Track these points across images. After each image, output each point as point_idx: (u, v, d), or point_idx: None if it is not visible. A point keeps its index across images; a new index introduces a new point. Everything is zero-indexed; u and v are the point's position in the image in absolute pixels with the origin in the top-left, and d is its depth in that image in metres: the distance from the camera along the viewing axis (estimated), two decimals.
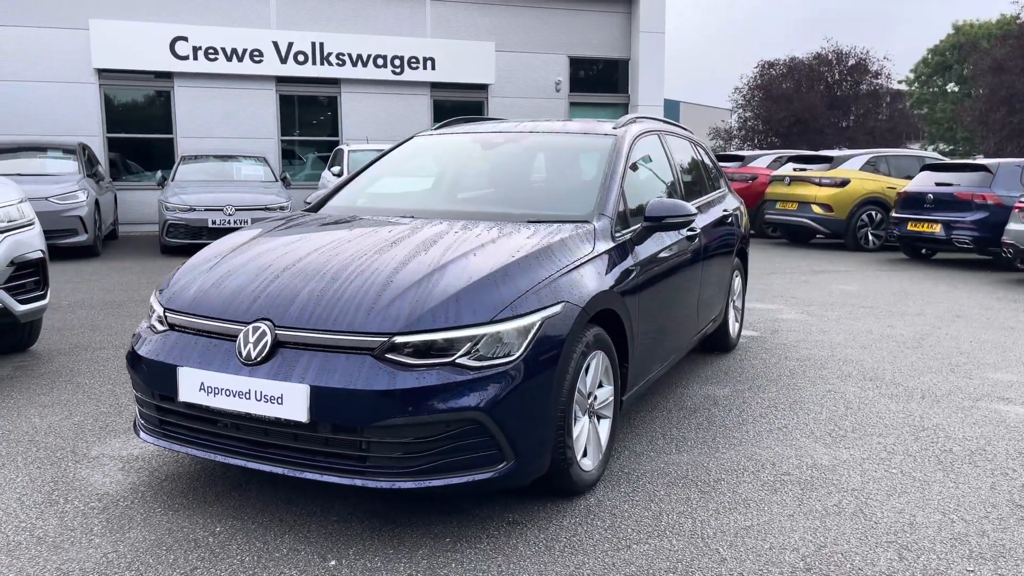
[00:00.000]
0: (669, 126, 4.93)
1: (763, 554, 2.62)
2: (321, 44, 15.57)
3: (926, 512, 2.95)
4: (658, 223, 3.63)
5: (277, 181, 12.49)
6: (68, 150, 11.60)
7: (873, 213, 12.34)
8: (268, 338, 2.64)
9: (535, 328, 2.69)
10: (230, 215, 10.78)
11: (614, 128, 4.11)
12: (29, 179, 10.02)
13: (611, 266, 3.26)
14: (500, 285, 2.75)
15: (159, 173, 12.87)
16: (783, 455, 3.52)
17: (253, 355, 2.62)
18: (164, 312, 2.98)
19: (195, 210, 10.77)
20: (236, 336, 2.70)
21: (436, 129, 4.67)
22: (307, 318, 2.66)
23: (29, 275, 4.86)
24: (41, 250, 4.98)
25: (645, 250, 3.61)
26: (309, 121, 16.46)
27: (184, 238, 10.79)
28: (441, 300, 2.65)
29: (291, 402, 2.54)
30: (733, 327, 5.50)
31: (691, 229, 4.21)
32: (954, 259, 11.49)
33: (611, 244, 3.36)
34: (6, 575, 2.45)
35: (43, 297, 4.99)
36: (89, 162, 11.83)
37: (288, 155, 16.28)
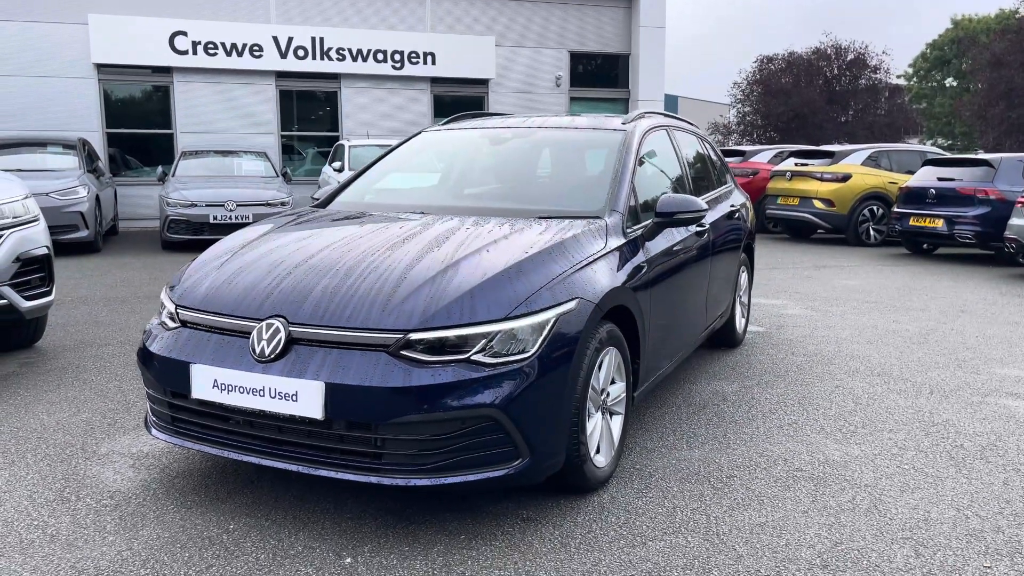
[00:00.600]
0: (677, 121, 4.91)
1: (779, 551, 2.61)
2: (321, 39, 15.52)
3: (940, 508, 2.95)
4: (669, 219, 3.62)
5: (278, 176, 12.46)
6: (68, 145, 11.56)
7: (875, 208, 12.34)
8: (282, 335, 2.62)
9: (549, 325, 2.68)
10: (231, 211, 10.75)
11: (624, 123, 4.09)
12: (29, 175, 9.96)
13: (623, 262, 3.24)
14: (514, 281, 2.74)
15: (159, 168, 12.84)
16: (794, 451, 3.52)
17: (267, 352, 2.61)
18: (176, 309, 2.96)
19: (196, 206, 10.74)
20: (249, 333, 2.69)
21: (444, 124, 4.65)
22: (321, 315, 2.64)
23: (34, 271, 4.84)
24: (46, 246, 4.96)
25: (656, 246, 3.60)
26: (309, 116, 16.42)
27: (185, 234, 10.77)
28: (456, 297, 2.64)
29: (306, 399, 2.53)
30: (740, 322, 5.49)
31: (700, 225, 4.20)
32: (956, 254, 11.49)
33: (623, 240, 3.34)
34: (20, 573, 2.44)
35: (49, 293, 4.97)
36: (89, 157, 11.79)
37: (288, 150, 16.25)
